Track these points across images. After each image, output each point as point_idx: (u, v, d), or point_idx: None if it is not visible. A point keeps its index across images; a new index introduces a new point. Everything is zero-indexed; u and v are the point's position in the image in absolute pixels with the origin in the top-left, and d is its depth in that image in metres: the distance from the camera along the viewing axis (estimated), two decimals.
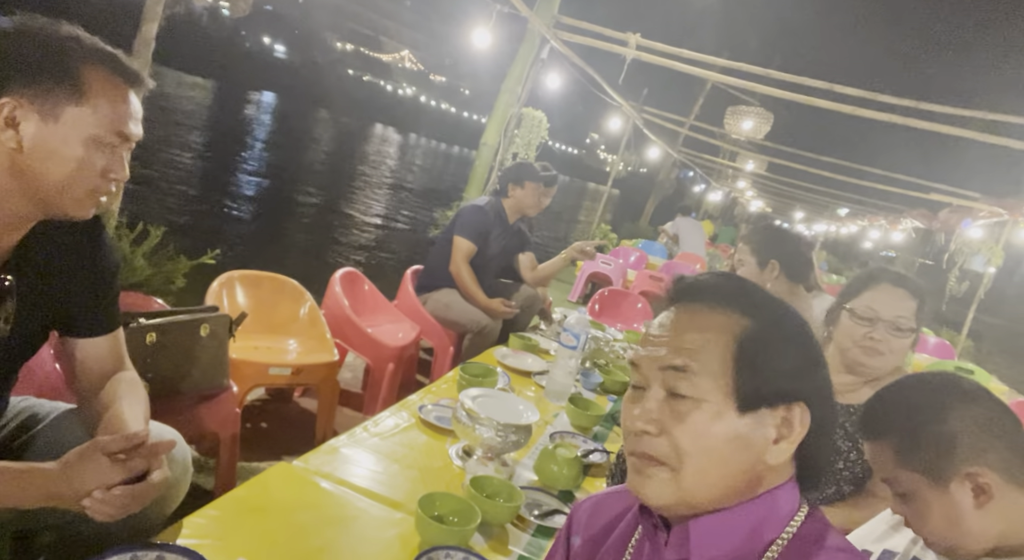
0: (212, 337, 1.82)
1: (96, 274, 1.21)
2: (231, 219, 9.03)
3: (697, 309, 0.77)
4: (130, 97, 1.07)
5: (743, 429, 0.71)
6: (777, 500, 0.73)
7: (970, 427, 0.97)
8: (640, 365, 0.77)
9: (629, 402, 0.78)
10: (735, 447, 0.71)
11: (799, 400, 0.73)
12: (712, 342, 0.73)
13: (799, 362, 0.74)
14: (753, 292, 0.78)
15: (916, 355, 5.73)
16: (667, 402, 0.73)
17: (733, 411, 0.71)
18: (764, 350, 0.73)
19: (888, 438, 1.02)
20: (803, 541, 0.71)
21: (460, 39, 4.40)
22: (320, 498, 1.41)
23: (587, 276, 6.61)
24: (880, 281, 1.65)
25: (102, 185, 1.08)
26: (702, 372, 0.72)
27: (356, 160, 22.62)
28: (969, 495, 0.95)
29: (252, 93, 39.23)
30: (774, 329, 0.74)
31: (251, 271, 2.50)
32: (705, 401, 0.71)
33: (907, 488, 1.00)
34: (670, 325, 0.77)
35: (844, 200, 14.45)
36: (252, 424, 2.59)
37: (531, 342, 2.81)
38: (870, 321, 1.62)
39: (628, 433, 0.77)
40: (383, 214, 12.86)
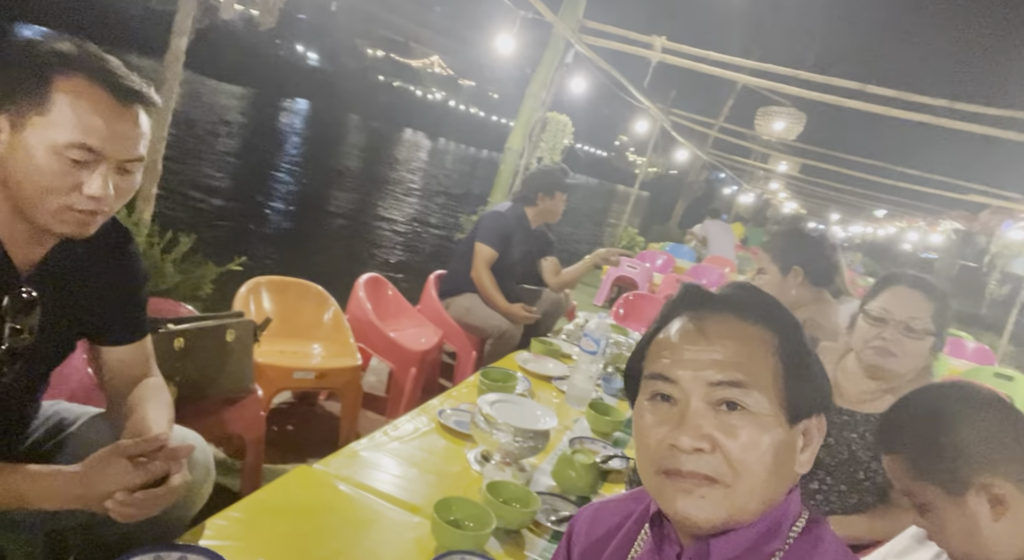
0: (238, 342, 1.86)
1: (123, 285, 1.24)
2: (262, 226, 9.22)
3: (726, 319, 0.76)
4: (113, 112, 1.02)
5: (789, 441, 0.72)
6: (788, 507, 0.74)
7: (983, 437, 0.95)
8: (680, 379, 0.73)
9: (656, 417, 0.74)
10: (783, 459, 0.72)
11: (822, 410, 0.76)
12: (759, 355, 0.73)
13: (821, 373, 0.77)
14: (772, 304, 0.79)
15: (954, 361, 5.57)
16: (716, 416, 0.71)
17: (785, 424, 0.72)
18: (799, 362, 0.74)
19: (904, 450, 1.01)
20: (801, 546, 0.72)
21: (488, 44, 4.43)
22: (339, 501, 1.44)
23: (613, 280, 6.58)
24: (897, 283, 1.62)
25: (77, 201, 1.02)
26: (756, 385, 0.72)
27: (385, 165, 22.88)
28: (986, 506, 0.94)
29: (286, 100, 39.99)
30: (798, 341, 0.76)
31: (277, 277, 2.55)
32: (761, 415, 0.71)
33: (925, 500, 0.99)
34: (704, 336, 0.75)
35: (880, 201, 14.13)
36: (278, 427, 2.64)
37: (553, 347, 2.81)
38: (882, 321, 1.60)
39: (667, 451, 0.72)
40: (411, 219, 12.98)
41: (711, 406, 0.72)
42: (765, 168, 14.18)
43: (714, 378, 0.72)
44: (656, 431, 0.74)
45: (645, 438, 0.75)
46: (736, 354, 0.73)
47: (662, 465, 0.73)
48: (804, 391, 0.74)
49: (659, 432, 0.74)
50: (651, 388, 0.77)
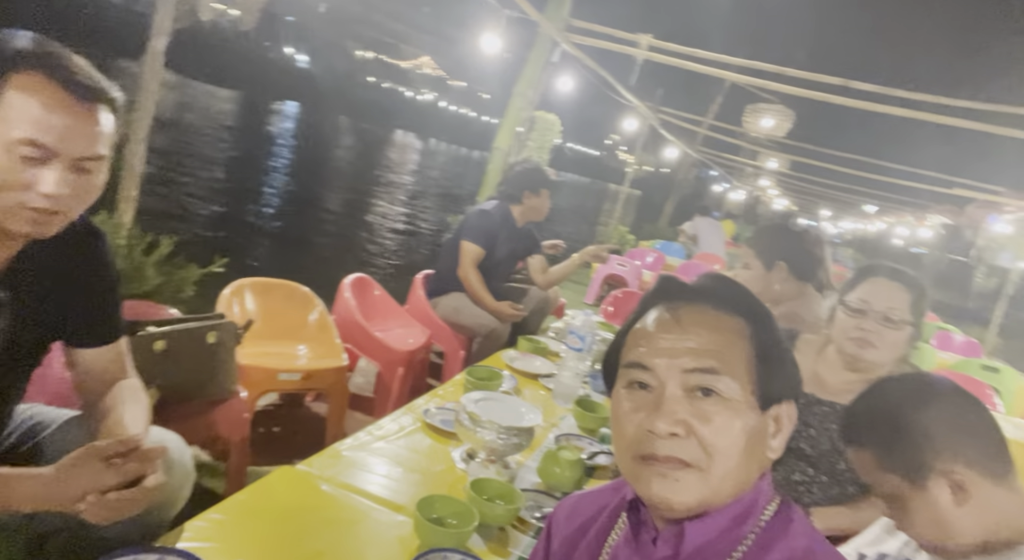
0: (219, 344, 1.86)
1: (95, 286, 1.23)
2: (250, 228, 9.18)
3: (702, 309, 0.78)
4: (68, 109, 0.99)
5: (760, 426, 0.75)
6: (760, 491, 0.76)
7: (941, 425, 0.97)
8: (656, 367, 0.75)
9: (633, 404, 0.77)
10: (755, 443, 0.74)
11: (792, 397, 0.79)
12: (732, 343, 0.76)
13: (791, 361, 0.79)
14: (745, 294, 0.82)
15: (942, 353, 5.62)
16: (691, 403, 0.73)
17: (756, 409, 0.74)
18: (771, 350, 0.77)
19: (867, 444, 1.03)
20: (772, 528, 0.74)
21: (477, 46, 4.43)
22: (322, 501, 1.43)
23: (603, 278, 6.59)
24: (876, 274, 1.64)
25: (30, 199, 1.00)
26: (729, 373, 0.74)
27: (375, 166, 22.84)
28: (947, 493, 0.95)
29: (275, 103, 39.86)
30: (770, 329, 0.79)
31: (261, 278, 2.54)
32: (734, 400, 0.73)
33: (890, 491, 1.00)
34: (679, 325, 0.77)
35: (869, 197, 14.22)
36: (264, 429, 2.63)
37: (540, 345, 2.81)
38: (861, 312, 1.61)
39: (644, 436, 0.74)
40: (401, 219, 12.97)
41: (686, 392, 0.74)
42: (755, 165, 14.24)
43: (689, 365, 0.74)
44: (633, 417, 0.76)
45: (622, 425, 0.77)
46: (710, 342, 0.75)
47: (639, 450, 0.75)
48: (775, 378, 0.76)
49: (636, 418, 0.75)
50: (628, 376, 0.78)
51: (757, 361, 0.75)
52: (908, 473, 0.98)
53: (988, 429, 1.00)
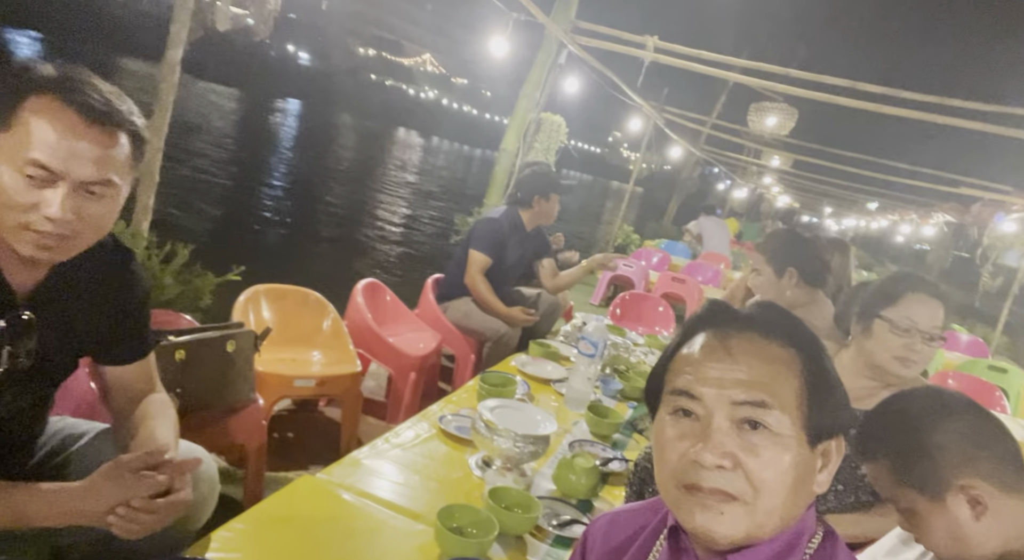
0: (238, 352, 1.88)
1: (125, 305, 1.24)
2: (258, 231, 9.19)
3: (752, 338, 0.77)
4: (78, 132, 0.99)
5: (809, 461, 0.74)
6: (804, 523, 0.75)
7: (956, 440, 0.98)
8: (704, 396, 0.74)
9: (677, 432, 0.75)
10: (802, 479, 0.73)
11: (843, 431, 0.77)
12: (783, 375, 0.74)
13: (843, 394, 0.78)
14: (796, 324, 0.80)
15: (948, 353, 5.62)
16: (739, 435, 0.72)
17: (805, 444, 0.73)
18: (822, 384, 0.76)
19: (882, 459, 1.04)
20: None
21: (480, 43, 4.44)
22: (342, 510, 1.45)
23: (609, 279, 6.60)
24: (916, 290, 1.61)
25: (34, 221, 1.00)
26: (779, 406, 0.73)
27: (379, 165, 22.85)
28: (966, 507, 0.96)
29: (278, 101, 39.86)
30: (821, 362, 0.77)
31: (275, 285, 2.56)
32: (783, 435, 0.72)
33: (908, 505, 1.01)
34: (729, 355, 0.76)
35: (873, 195, 14.19)
36: (279, 434, 2.65)
37: (551, 349, 2.82)
38: (908, 332, 1.60)
39: (688, 466, 0.73)
40: (406, 221, 12.98)
41: (734, 424, 0.73)
42: (758, 163, 14.22)
43: (738, 397, 0.73)
44: (677, 445, 0.75)
45: (666, 452, 0.76)
46: (760, 374, 0.74)
47: (683, 479, 0.74)
48: (826, 413, 0.75)
49: (680, 446, 0.75)
50: (673, 403, 0.77)
51: (808, 395, 0.74)
52: (925, 488, 0.99)
53: (1002, 441, 1.01)
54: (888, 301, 1.64)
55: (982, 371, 4.86)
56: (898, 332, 1.60)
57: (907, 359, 1.60)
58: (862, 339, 1.68)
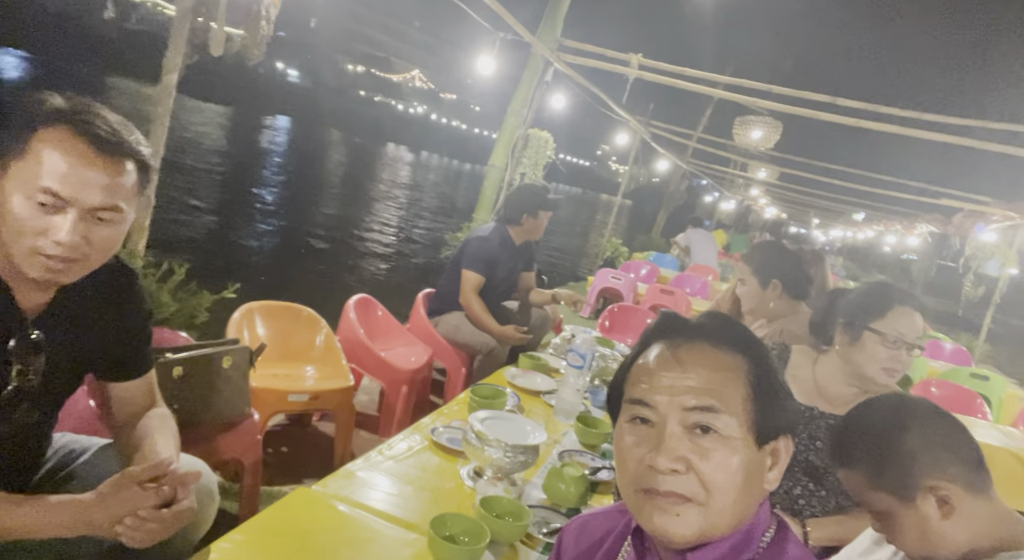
0: (234, 368, 1.91)
1: (129, 324, 1.29)
2: (250, 248, 9.21)
3: (702, 348, 0.81)
4: (87, 161, 1.03)
5: (758, 461, 0.79)
6: (758, 518, 0.80)
7: (924, 444, 1.04)
8: (657, 404, 0.79)
9: (635, 438, 0.80)
10: (753, 478, 0.78)
11: (789, 431, 0.82)
12: (731, 381, 0.79)
13: (788, 396, 0.83)
14: (743, 331, 0.85)
15: (932, 362, 5.70)
16: (690, 439, 0.77)
17: (753, 445, 0.78)
18: (768, 387, 0.80)
19: (855, 465, 1.09)
20: (770, 554, 0.78)
21: (468, 60, 4.52)
22: (338, 521, 1.48)
23: (598, 292, 6.67)
24: (902, 303, 1.67)
25: (44, 246, 1.04)
26: (728, 410, 0.77)
27: (369, 181, 22.91)
28: (934, 508, 1.02)
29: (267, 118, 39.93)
30: (766, 366, 0.82)
31: (269, 302, 2.60)
32: (732, 437, 0.76)
33: (881, 508, 1.07)
34: (679, 364, 0.80)
35: (859, 206, 14.39)
36: (273, 449, 2.68)
37: (541, 362, 2.86)
38: (896, 344, 1.65)
39: (646, 471, 0.77)
40: (397, 235, 13.02)
41: (686, 430, 0.77)
42: (745, 176, 14.40)
43: (689, 403, 0.77)
44: (635, 452, 0.79)
45: (625, 459, 0.81)
46: (709, 381, 0.79)
47: (641, 484, 0.78)
48: (772, 415, 0.79)
49: (638, 453, 0.79)
50: (631, 412, 0.82)
51: (754, 399, 0.79)
52: (897, 491, 1.04)
53: (966, 444, 1.07)
54: (876, 314, 1.69)
55: (965, 379, 4.94)
56: (888, 344, 1.65)
57: (893, 369, 1.66)
58: (850, 350, 1.72)
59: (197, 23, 2.10)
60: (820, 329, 1.87)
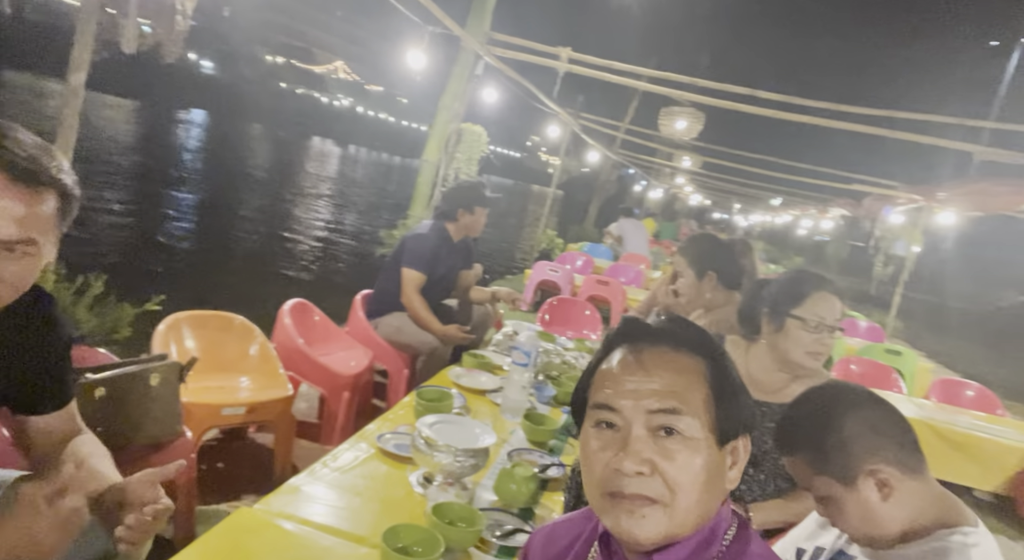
0: (163, 385, 1.80)
1: (45, 353, 1.19)
2: (172, 254, 8.74)
3: (663, 351, 0.83)
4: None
5: (719, 460, 0.80)
6: (720, 517, 0.82)
7: (864, 430, 1.09)
8: (622, 408, 0.79)
9: (600, 443, 0.81)
10: (715, 478, 0.79)
11: (748, 431, 0.84)
12: (692, 384, 0.80)
13: (746, 397, 0.85)
14: (702, 334, 0.87)
15: (849, 340, 6.04)
16: (655, 442, 0.78)
17: (715, 445, 0.79)
18: (727, 388, 0.82)
19: (800, 453, 1.14)
20: (733, 551, 0.80)
21: (395, 51, 4.42)
22: (285, 541, 1.43)
23: (536, 284, 6.71)
24: (819, 289, 1.76)
25: None
26: (690, 412, 0.78)
27: (295, 176, 22.23)
28: (874, 490, 1.07)
29: (180, 112, 38.07)
30: (725, 367, 0.84)
31: (197, 311, 2.47)
32: (694, 439, 0.78)
33: (825, 492, 1.11)
34: (642, 368, 0.81)
35: (776, 192, 15.07)
36: (207, 465, 2.55)
37: (485, 360, 2.85)
38: (817, 328, 1.74)
39: (612, 475, 0.78)
40: (329, 234, 12.69)
41: (650, 432, 0.79)
42: (670, 165, 14.82)
43: (653, 406, 0.79)
44: (601, 456, 0.80)
45: (591, 463, 0.81)
46: (672, 383, 0.80)
47: (607, 487, 0.79)
48: (731, 415, 0.81)
49: (604, 457, 0.80)
50: (596, 416, 0.83)
51: (715, 399, 0.81)
52: (839, 475, 1.09)
53: (902, 429, 1.13)
54: (796, 301, 1.78)
55: (879, 354, 5.26)
56: (809, 329, 1.74)
57: (817, 353, 1.75)
58: (775, 337, 1.80)
59: (105, 16, 1.94)
60: (748, 319, 1.95)
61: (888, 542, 1.09)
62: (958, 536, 1.04)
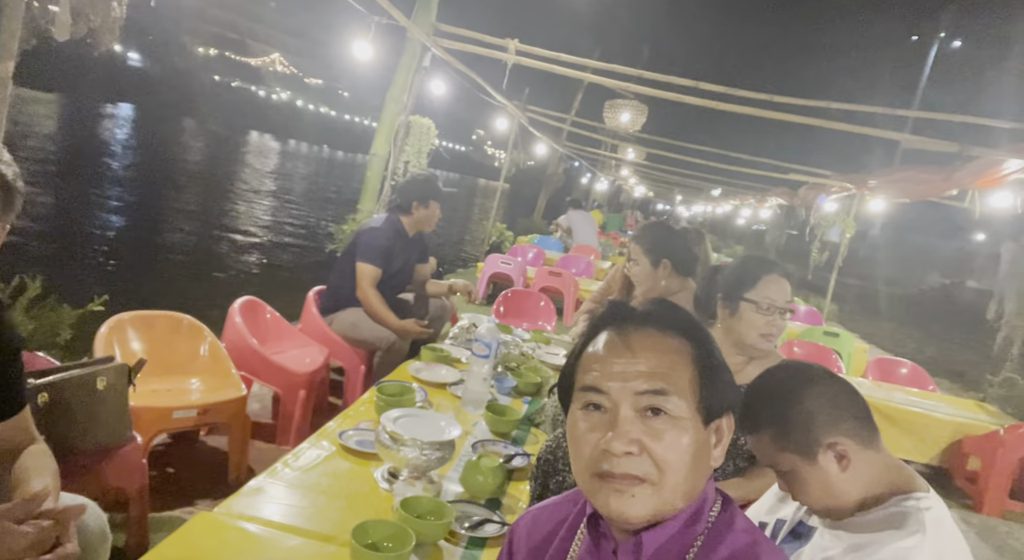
0: (110, 389, 1.72)
1: None
2: (111, 253, 8.33)
3: (650, 333, 0.84)
4: None
5: (705, 439, 0.82)
6: (706, 494, 0.84)
7: (822, 405, 1.14)
8: (610, 390, 0.80)
9: (589, 424, 0.81)
10: (701, 456, 0.81)
11: (731, 409, 0.86)
12: (678, 364, 0.82)
13: (729, 377, 0.87)
14: (687, 316, 0.88)
15: (790, 324, 6.29)
16: (643, 422, 0.79)
17: (701, 424, 0.81)
18: (712, 369, 0.84)
19: (763, 430, 1.18)
20: (719, 527, 0.82)
21: (334, 43, 4.32)
22: (249, 544, 1.39)
23: (488, 277, 6.71)
24: (769, 272, 1.84)
25: None
26: (677, 392, 0.80)
27: (234, 172, 21.52)
28: (834, 462, 1.12)
29: (106, 106, 36.28)
30: (709, 348, 0.85)
31: (142, 311, 2.36)
32: (681, 419, 0.79)
33: (787, 467, 1.16)
34: (630, 349, 0.82)
35: (717, 182, 15.50)
36: (158, 471, 2.45)
37: (443, 353, 2.84)
38: (769, 310, 1.80)
39: (601, 455, 0.79)
40: (272, 231, 12.34)
41: (638, 413, 0.80)
42: (616, 157, 15.05)
43: (640, 387, 0.80)
44: (590, 437, 0.81)
45: (580, 445, 0.82)
46: (658, 365, 0.81)
47: (596, 468, 0.80)
48: (716, 394, 0.83)
49: (592, 438, 0.81)
50: (584, 399, 0.84)
51: (700, 379, 0.82)
52: (800, 450, 1.14)
53: (856, 402, 1.18)
54: (748, 284, 1.84)
55: (819, 337, 5.50)
56: (762, 311, 1.80)
57: (770, 334, 1.82)
58: (731, 321, 1.86)
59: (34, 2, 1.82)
60: (703, 304, 2.01)
61: (847, 511, 1.14)
62: (911, 501, 1.10)
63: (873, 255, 21.40)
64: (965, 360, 9.35)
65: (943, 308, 18.40)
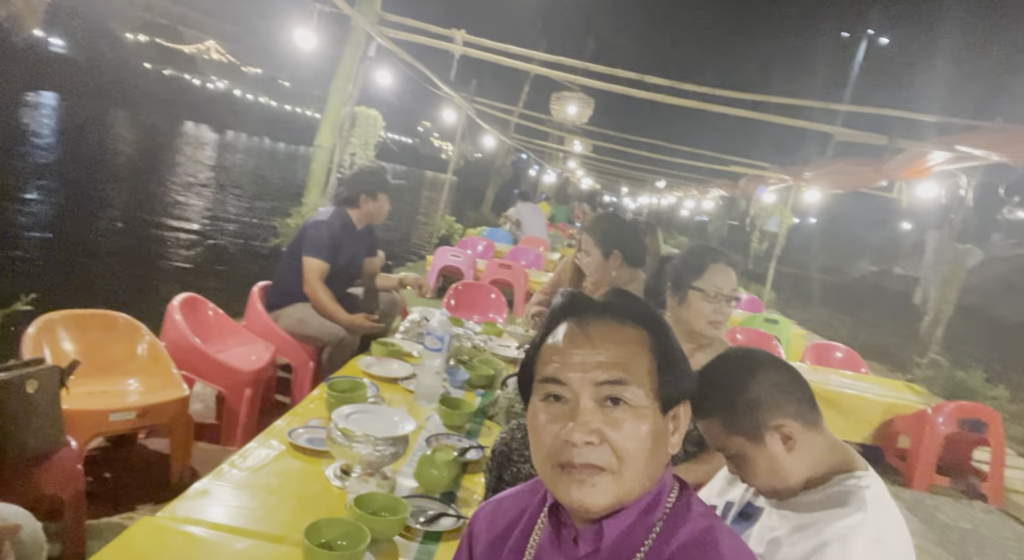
0: (41, 392, 1.63)
1: None
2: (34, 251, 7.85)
3: (609, 323, 0.84)
4: None
5: (663, 427, 0.83)
6: (664, 481, 0.85)
7: (768, 389, 1.18)
8: (570, 381, 0.81)
9: (549, 416, 0.82)
10: (659, 444, 0.82)
11: (688, 397, 0.88)
12: (636, 354, 0.83)
13: (686, 365, 0.88)
14: (644, 306, 0.89)
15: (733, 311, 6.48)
16: (602, 412, 0.80)
17: (659, 413, 0.82)
18: (670, 357, 0.85)
19: (713, 416, 1.21)
20: (676, 513, 0.84)
21: (274, 29, 4.21)
22: (197, 548, 1.35)
23: (438, 270, 6.66)
24: (716, 261, 1.88)
25: None
26: (635, 382, 0.81)
27: (168, 165, 20.66)
28: (780, 444, 1.17)
29: (27, 94, 34.25)
30: (667, 337, 0.87)
31: (73, 310, 2.24)
32: (640, 408, 0.80)
33: (736, 451, 1.20)
34: (589, 340, 0.83)
35: (661, 174, 15.80)
36: (94, 477, 2.34)
37: (394, 347, 2.81)
38: (716, 298, 1.85)
39: (562, 446, 0.79)
40: (210, 225, 11.92)
41: (598, 403, 0.81)
42: (563, 149, 15.15)
43: (600, 378, 0.81)
44: (550, 428, 0.82)
45: (541, 436, 0.83)
46: (617, 355, 0.82)
47: (557, 459, 0.81)
48: (673, 382, 0.84)
49: (553, 429, 0.81)
50: (544, 390, 0.84)
51: (658, 369, 0.83)
52: (749, 433, 1.18)
53: (800, 386, 1.23)
54: (696, 273, 1.89)
55: (760, 324, 5.69)
56: (709, 299, 1.86)
57: (717, 322, 1.87)
58: (679, 310, 1.91)
59: None
60: (653, 294, 2.05)
61: (792, 491, 1.19)
62: (852, 480, 1.15)
63: (807, 244, 22.26)
64: (893, 343, 9.84)
65: (873, 294, 19.34)
